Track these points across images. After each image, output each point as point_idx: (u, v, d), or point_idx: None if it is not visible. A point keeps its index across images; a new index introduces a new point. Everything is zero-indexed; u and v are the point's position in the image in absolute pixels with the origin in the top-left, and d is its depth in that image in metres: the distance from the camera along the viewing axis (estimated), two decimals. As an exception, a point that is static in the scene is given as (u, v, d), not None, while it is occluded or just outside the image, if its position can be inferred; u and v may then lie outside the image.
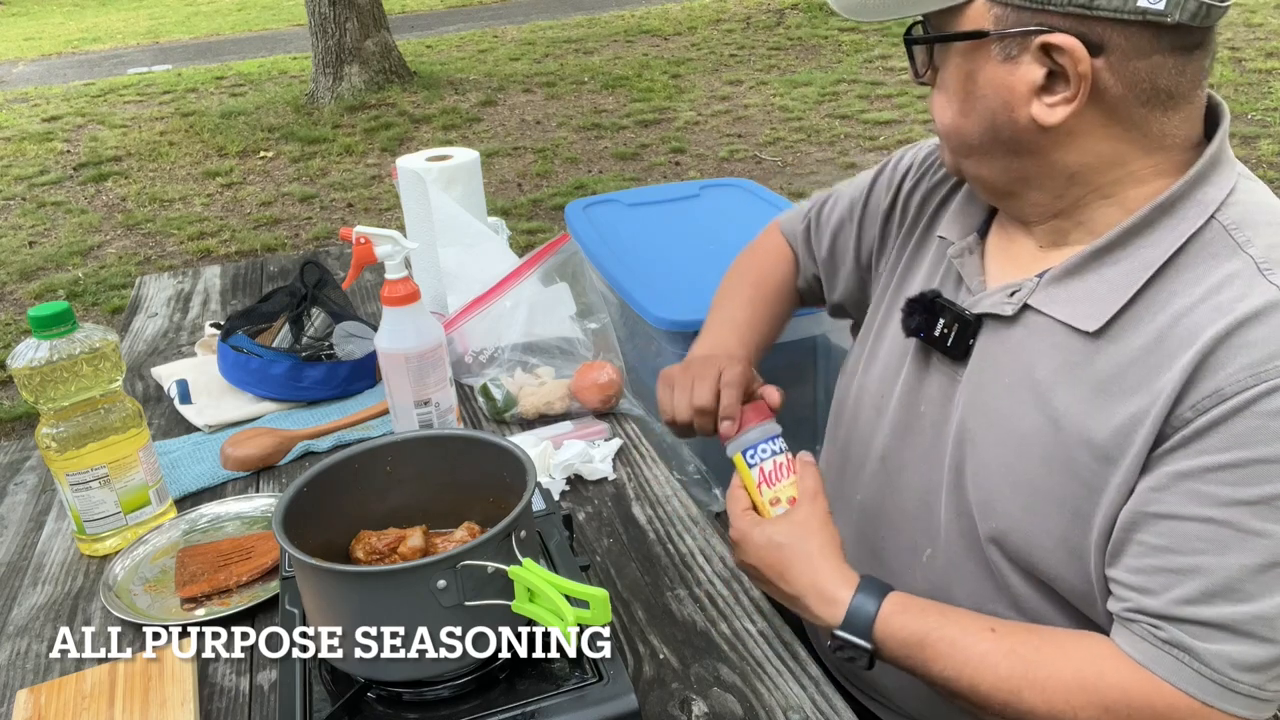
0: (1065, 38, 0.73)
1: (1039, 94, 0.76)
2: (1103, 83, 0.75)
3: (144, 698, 0.89)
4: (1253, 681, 0.71)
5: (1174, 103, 0.76)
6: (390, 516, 0.94)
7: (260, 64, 9.38)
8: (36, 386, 1.07)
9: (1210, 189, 0.77)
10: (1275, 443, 0.69)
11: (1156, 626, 0.74)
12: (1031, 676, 0.77)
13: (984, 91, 0.79)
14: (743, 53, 8.28)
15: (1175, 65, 0.74)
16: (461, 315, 1.49)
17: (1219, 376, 0.71)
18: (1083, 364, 0.79)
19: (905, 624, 0.82)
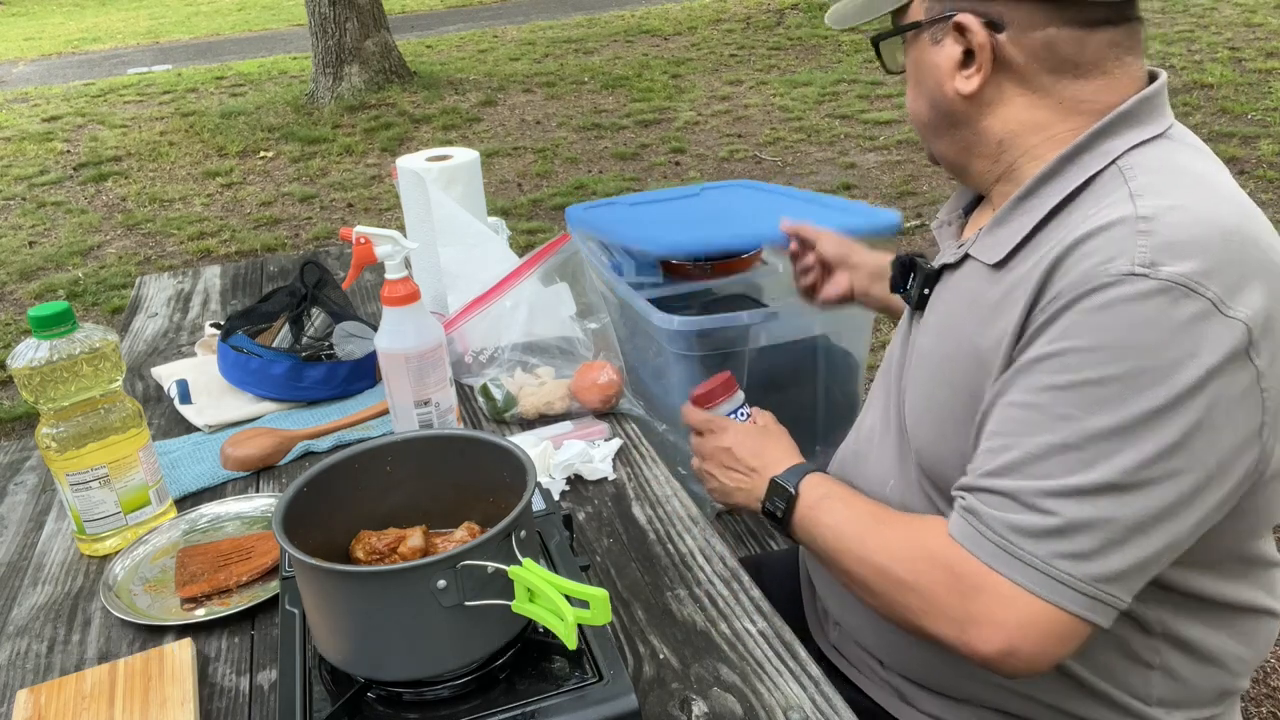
0: (968, 17, 0.85)
1: (959, 69, 0.88)
2: (1007, 54, 0.85)
3: (144, 698, 0.89)
4: (1033, 550, 0.77)
5: (1083, 71, 0.85)
6: (390, 516, 0.94)
7: (260, 64, 9.38)
8: (36, 386, 1.07)
9: (1115, 140, 0.84)
10: (1090, 334, 0.75)
11: (961, 496, 0.83)
12: (876, 530, 0.90)
13: (925, 74, 0.92)
14: (743, 53, 8.29)
15: (1074, 38, 0.84)
16: (461, 315, 1.49)
17: (1061, 283, 0.78)
18: (985, 293, 0.88)
19: (820, 484, 0.98)
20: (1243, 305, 0.73)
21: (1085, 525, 0.75)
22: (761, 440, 1.07)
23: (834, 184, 4.96)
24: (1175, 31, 7.35)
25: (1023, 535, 0.77)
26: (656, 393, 1.74)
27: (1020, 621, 0.77)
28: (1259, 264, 0.76)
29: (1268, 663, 1.98)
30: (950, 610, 0.81)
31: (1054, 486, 0.76)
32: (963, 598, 0.80)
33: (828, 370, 1.74)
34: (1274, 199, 4.24)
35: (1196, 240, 0.75)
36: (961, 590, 0.80)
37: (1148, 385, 0.73)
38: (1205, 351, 0.73)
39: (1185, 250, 0.74)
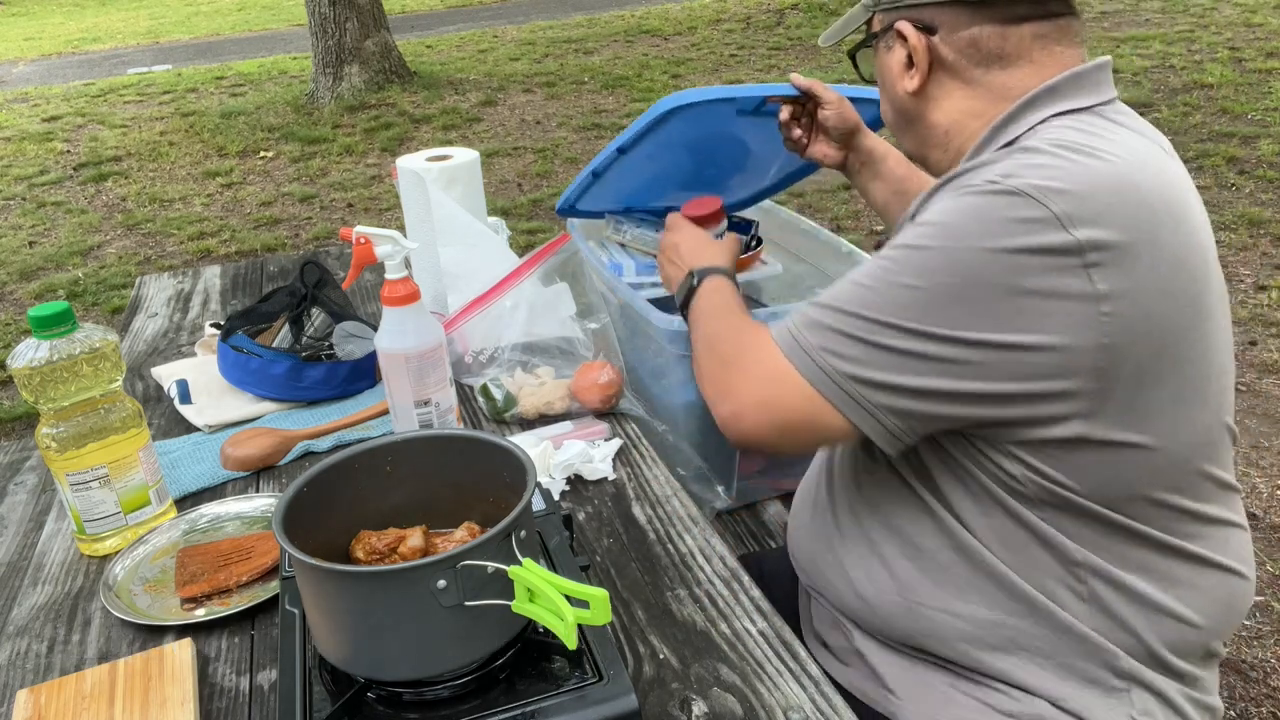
0: (905, 25, 0.98)
1: (905, 70, 1.00)
2: (941, 53, 0.97)
3: (144, 698, 0.89)
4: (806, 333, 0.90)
5: (1008, 62, 0.94)
6: (390, 516, 0.94)
7: (260, 64, 9.38)
8: (36, 386, 1.07)
9: (1037, 111, 0.92)
10: (931, 215, 0.85)
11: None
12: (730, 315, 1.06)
13: (884, 79, 1.05)
14: (743, 53, 8.29)
15: (996, 33, 0.94)
16: (461, 315, 1.49)
17: (912, 206, 0.91)
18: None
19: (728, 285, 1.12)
20: (1087, 228, 0.79)
21: (850, 337, 0.87)
22: (704, 244, 1.21)
23: (834, 184, 4.96)
24: (1175, 31, 7.35)
25: (801, 320, 0.91)
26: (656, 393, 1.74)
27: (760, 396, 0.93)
28: (1123, 203, 0.81)
29: (1267, 662, 1.99)
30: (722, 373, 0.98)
31: (841, 304, 0.88)
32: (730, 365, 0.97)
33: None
34: (1274, 199, 4.25)
35: (1059, 175, 0.82)
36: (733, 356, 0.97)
37: (959, 263, 0.82)
38: (1032, 247, 0.79)
39: (1044, 174, 0.82)
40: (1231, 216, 4.10)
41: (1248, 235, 3.92)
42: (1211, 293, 0.88)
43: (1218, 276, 0.90)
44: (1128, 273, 0.80)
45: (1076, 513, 0.88)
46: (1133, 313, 0.80)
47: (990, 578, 0.92)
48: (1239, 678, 1.96)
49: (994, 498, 0.89)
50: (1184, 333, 0.84)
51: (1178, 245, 0.83)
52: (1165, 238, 0.82)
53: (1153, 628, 0.92)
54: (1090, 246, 0.79)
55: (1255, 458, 2.62)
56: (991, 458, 0.88)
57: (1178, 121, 5.30)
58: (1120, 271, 0.80)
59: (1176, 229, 0.84)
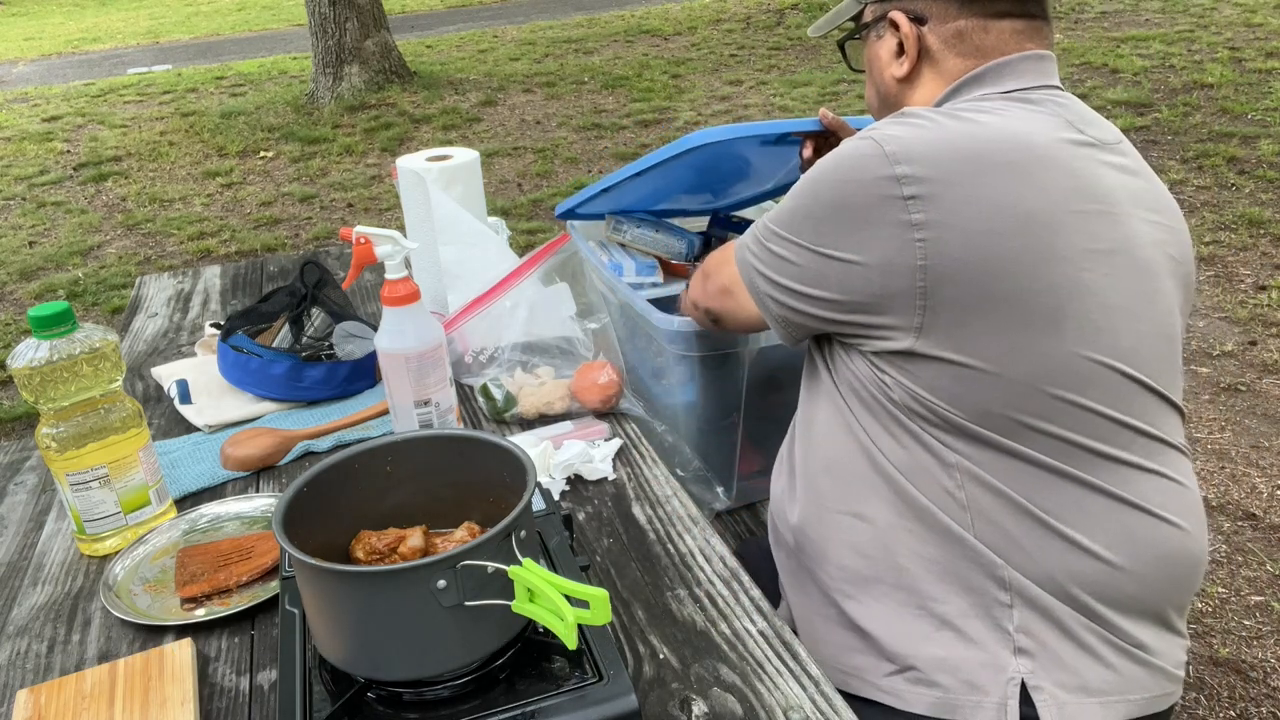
0: (898, 14, 1.06)
1: (895, 58, 1.09)
2: (927, 42, 1.06)
3: (144, 698, 0.89)
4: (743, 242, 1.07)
5: (984, 55, 1.03)
6: (390, 516, 0.94)
7: (260, 64, 9.38)
8: (36, 386, 1.07)
9: (958, 100, 1.03)
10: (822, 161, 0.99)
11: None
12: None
13: (873, 66, 1.13)
14: (743, 53, 8.29)
15: (980, 26, 1.03)
16: (461, 315, 1.49)
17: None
18: None
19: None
20: (907, 166, 0.91)
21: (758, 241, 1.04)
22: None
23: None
24: (1175, 31, 7.35)
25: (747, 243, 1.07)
26: (656, 393, 1.74)
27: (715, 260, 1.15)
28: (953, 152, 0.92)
29: (1267, 662, 1.99)
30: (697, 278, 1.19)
31: (766, 218, 1.03)
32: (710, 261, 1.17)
33: (828, 370, 1.74)
34: (1274, 199, 4.24)
35: (909, 132, 0.93)
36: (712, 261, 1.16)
37: (820, 190, 0.96)
38: (863, 179, 0.92)
39: (898, 129, 0.94)
40: (1231, 216, 4.10)
41: (1248, 235, 3.92)
42: (1073, 244, 0.93)
43: (1112, 235, 0.95)
44: (943, 209, 0.90)
45: (945, 423, 0.95)
46: (949, 243, 0.90)
47: (888, 482, 1.00)
48: (1239, 678, 1.96)
49: (880, 405, 0.99)
50: (1014, 270, 0.91)
51: (1013, 194, 0.91)
52: (994, 184, 0.91)
53: (1051, 552, 0.94)
54: (908, 180, 0.91)
55: (1255, 458, 2.62)
56: (860, 365, 1.00)
57: (1178, 121, 5.30)
58: (935, 206, 0.90)
59: (1016, 181, 0.92)
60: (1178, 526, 0.99)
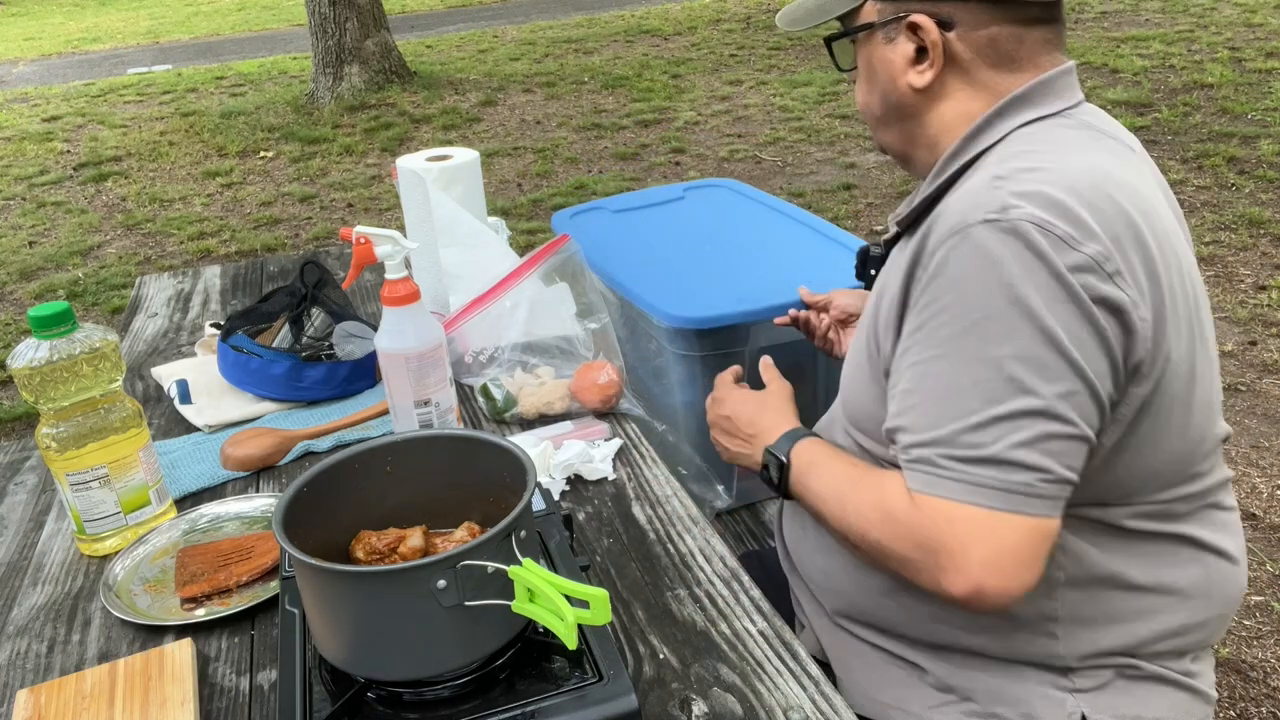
0: (922, 17, 0.93)
1: (912, 65, 0.96)
2: (955, 50, 0.94)
3: (144, 698, 0.89)
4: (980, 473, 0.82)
5: (1018, 66, 0.94)
6: (390, 516, 0.94)
7: (260, 64, 9.38)
8: (36, 386, 1.07)
9: (1008, 120, 0.93)
10: (966, 281, 0.83)
11: (905, 452, 0.88)
12: (853, 496, 0.95)
13: (878, 70, 0.99)
14: (743, 53, 8.28)
15: (1014, 34, 0.93)
16: (461, 315, 1.48)
17: (933, 239, 0.86)
18: (896, 260, 0.95)
19: (810, 449, 1.03)
20: (1092, 241, 0.81)
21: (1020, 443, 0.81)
22: (758, 408, 1.13)
23: (834, 184, 4.96)
24: (1175, 31, 7.35)
25: (969, 464, 0.83)
26: (656, 393, 1.74)
27: (982, 559, 0.82)
28: (1103, 209, 0.83)
29: (1267, 662, 1.99)
30: (923, 566, 0.86)
31: (983, 418, 0.82)
32: (932, 553, 0.85)
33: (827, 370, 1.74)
34: (1274, 199, 4.25)
35: (1045, 191, 0.82)
36: (928, 546, 0.85)
37: (1025, 311, 0.80)
38: (1061, 274, 0.80)
39: (1034, 197, 0.82)
40: (1231, 216, 4.10)
41: (1248, 235, 3.92)
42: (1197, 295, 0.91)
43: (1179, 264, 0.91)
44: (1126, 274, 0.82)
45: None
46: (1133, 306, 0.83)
47: None
48: (1239, 678, 1.96)
49: None
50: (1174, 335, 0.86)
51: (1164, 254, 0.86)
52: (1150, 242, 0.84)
53: (1126, 611, 0.94)
54: (1094, 256, 0.81)
55: (1255, 458, 2.62)
56: None
57: (1178, 121, 5.30)
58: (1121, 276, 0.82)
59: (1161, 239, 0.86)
60: (1237, 562, 0.99)
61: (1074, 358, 0.80)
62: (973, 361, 0.82)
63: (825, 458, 1.01)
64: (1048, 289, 0.80)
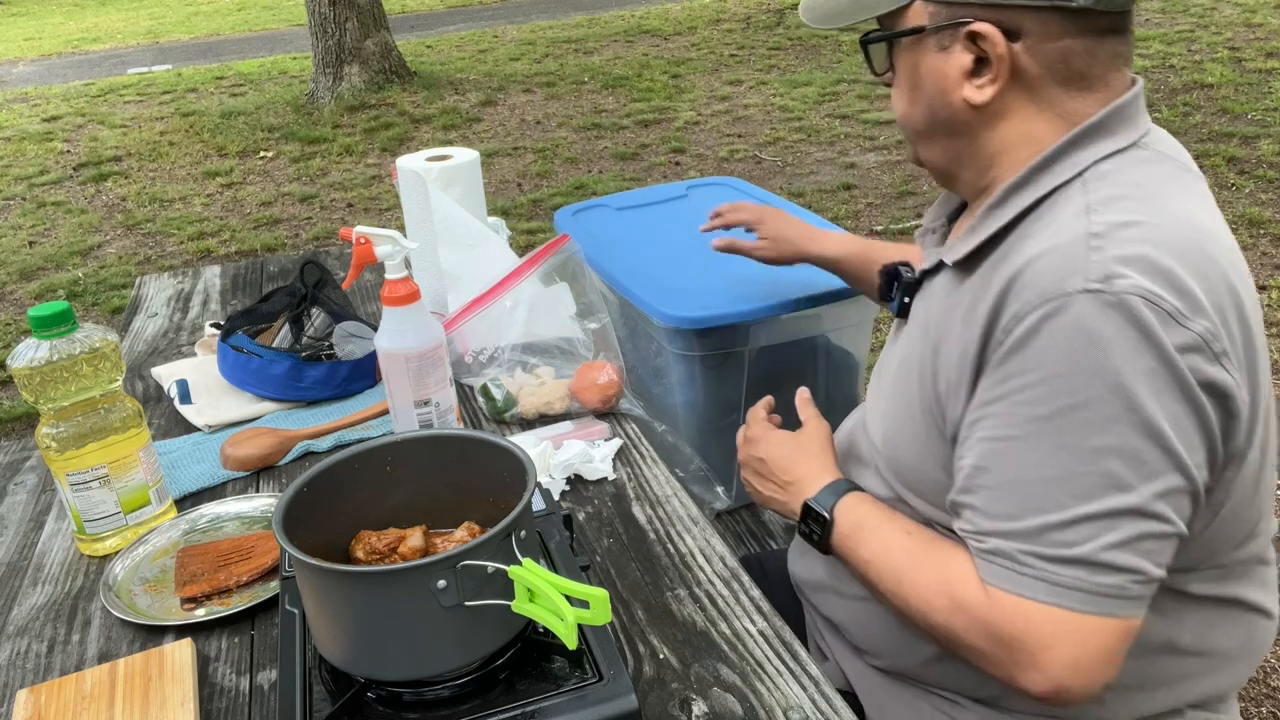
0: (986, 25, 0.83)
1: (969, 78, 0.86)
2: (1021, 64, 0.84)
3: (144, 698, 0.89)
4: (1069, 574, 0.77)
5: (1088, 84, 0.85)
6: (390, 516, 0.94)
7: (260, 64, 9.38)
8: (36, 386, 1.07)
9: (1086, 151, 0.84)
10: (1061, 359, 0.75)
11: (979, 540, 0.82)
12: (911, 574, 0.89)
13: (925, 80, 0.89)
14: (743, 53, 8.28)
15: (1086, 48, 0.83)
16: (461, 315, 1.48)
17: (1018, 301, 0.78)
18: (954, 299, 0.88)
19: (856, 508, 0.97)
20: (1200, 317, 0.75)
21: (1112, 545, 0.76)
22: (795, 452, 1.06)
23: (834, 184, 4.96)
24: (1175, 31, 7.35)
25: (1055, 563, 0.77)
26: (656, 393, 1.74)
27: (1066, 660, 0.77)
28: (1209, 276, 0.77)
29: (1267, 662, 1.98)
30: (997, 660, 0.81)
31: (1073, 515, 0.76)
32: (1007, 649, 0.79)
33: (828, 370, 1.74)
34: (1274, 199, 4.25)
35: (1149, 256, 0.75)
36: (1003, 641, 0.80)
37: (1128, 400, 0.74)
38: (1170, 358, 0.74)
39: (1138, 263, 0.75)
40: (1231, 216, 4.10)
41: (1248, 235, 3.92)
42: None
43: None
44: (1229, 348, 0.77)
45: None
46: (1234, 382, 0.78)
47: None
48: (1239, 678, 1.96)
49: None
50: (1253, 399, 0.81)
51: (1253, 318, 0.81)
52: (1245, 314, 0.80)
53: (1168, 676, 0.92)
54: (1202, 334, 0.75)
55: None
56: None
57: (1178, 121, 5.30)
58: (1223, 351, 0.77)
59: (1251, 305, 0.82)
60: (1273, 618, 0.96)
61: (1176, 451, 0.75)
62: (1063, 450, 0.76)
63: (875, 520, 0.94)
64: (1155, 376, 0.73)
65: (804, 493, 1.01)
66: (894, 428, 0.95)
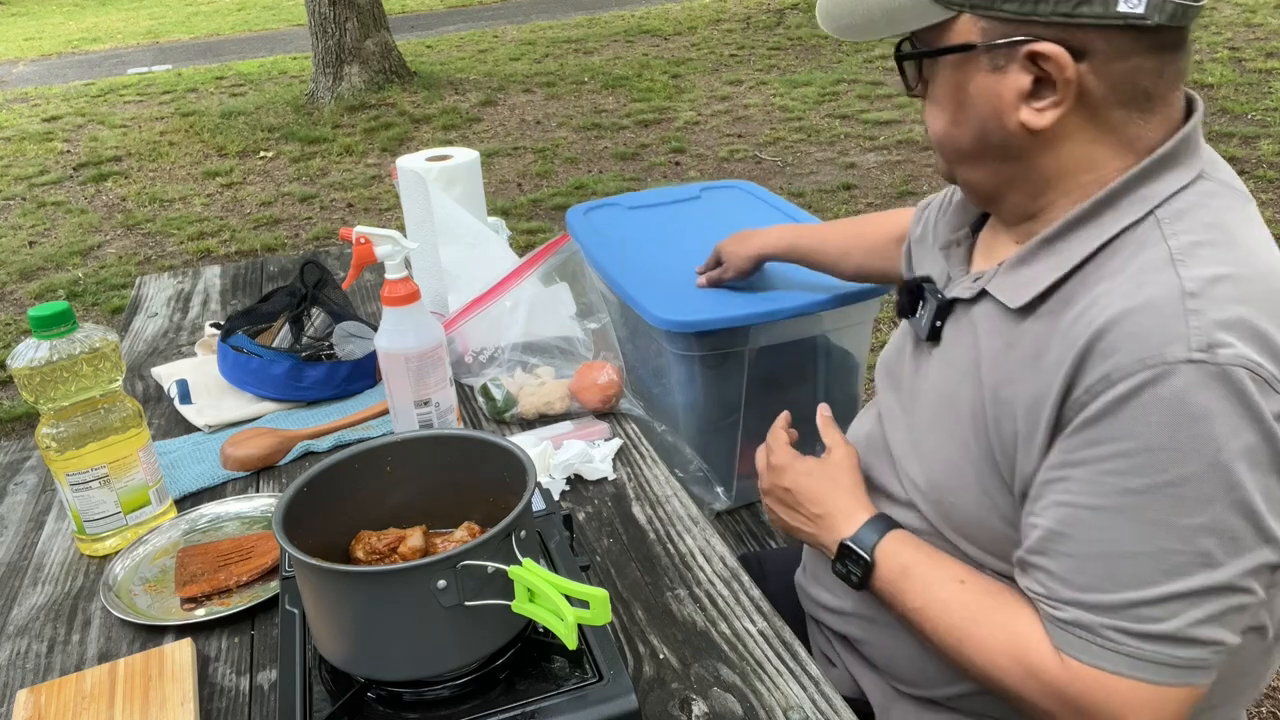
0: (1051, 46, 0.76)
1: (1026, 100, 0.79)
2: (1087, 85, 0.78)
3: (144, 698, 0.89)
4: (1153, 649, 0.75)
5: (1151, 105, 0.80)
6: (390, 516, 0.94)
7: (260, 64, 9.38)
8: (36, 386, 1.07)
9: (1156, 185, 0.80)
10: (1160, 431, 0.72)
11: (1055, 607, 0.79)
12: (974, 631, 0.85)
13: (974, 101, 0.82)
14: (743, 53, 8.28)
15: (1154, 66, 0.78)
16: (461, 315, 1.49)
17: (1109, 362, 0.74)
18: (1013, 341, 0.84)
19: (899, 551, 0.92)
20: None
21: (1199, 621, 0.74)
22: (825, 484, 1.01)
23: (834, 184, 4.96)
24: (1175, 31, 7.35)
25: (1140, 639, 0.75)
26: (656, 393, 1.74)
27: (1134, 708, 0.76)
28: None
29: (1268, 663, 1.98)
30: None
31: (1162, 593, 0.74)
32: (1083, 716, 0.78)
33: (828, 370, 1.74)
34: (1274, 199, 4.24)
35: (1247, 319, 0.72)
36: (1080, 710, 0.78)
37: (1227, 479, 0.71)
38: (1271, 431, 0.71)
39: (1238, 329, 0.72)
40: (1231, 216, 4.10)
41: (1248, 235, 3.92)
42: None
43: None
44: None
45: None
46: None
47: None
48: (1239, 678, 1.96)
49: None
50: None
51: None
52: None
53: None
54: None
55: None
56: None
57: (1178, 121, 5.30)
58: None
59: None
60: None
61: (1267, 527, 0.73)
62: (1155, 527, 0.73)
63: (923, 567, 0.90)
64: (1255, 452, 0.71)
65: (838, 529, 0.96)
66: (944, 473, 0.90)
